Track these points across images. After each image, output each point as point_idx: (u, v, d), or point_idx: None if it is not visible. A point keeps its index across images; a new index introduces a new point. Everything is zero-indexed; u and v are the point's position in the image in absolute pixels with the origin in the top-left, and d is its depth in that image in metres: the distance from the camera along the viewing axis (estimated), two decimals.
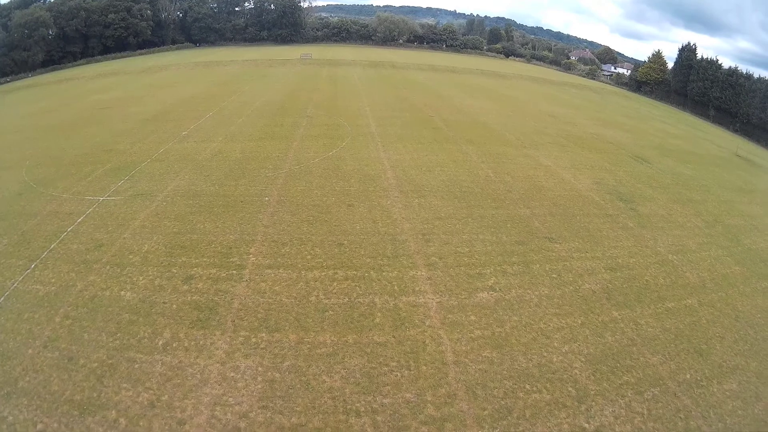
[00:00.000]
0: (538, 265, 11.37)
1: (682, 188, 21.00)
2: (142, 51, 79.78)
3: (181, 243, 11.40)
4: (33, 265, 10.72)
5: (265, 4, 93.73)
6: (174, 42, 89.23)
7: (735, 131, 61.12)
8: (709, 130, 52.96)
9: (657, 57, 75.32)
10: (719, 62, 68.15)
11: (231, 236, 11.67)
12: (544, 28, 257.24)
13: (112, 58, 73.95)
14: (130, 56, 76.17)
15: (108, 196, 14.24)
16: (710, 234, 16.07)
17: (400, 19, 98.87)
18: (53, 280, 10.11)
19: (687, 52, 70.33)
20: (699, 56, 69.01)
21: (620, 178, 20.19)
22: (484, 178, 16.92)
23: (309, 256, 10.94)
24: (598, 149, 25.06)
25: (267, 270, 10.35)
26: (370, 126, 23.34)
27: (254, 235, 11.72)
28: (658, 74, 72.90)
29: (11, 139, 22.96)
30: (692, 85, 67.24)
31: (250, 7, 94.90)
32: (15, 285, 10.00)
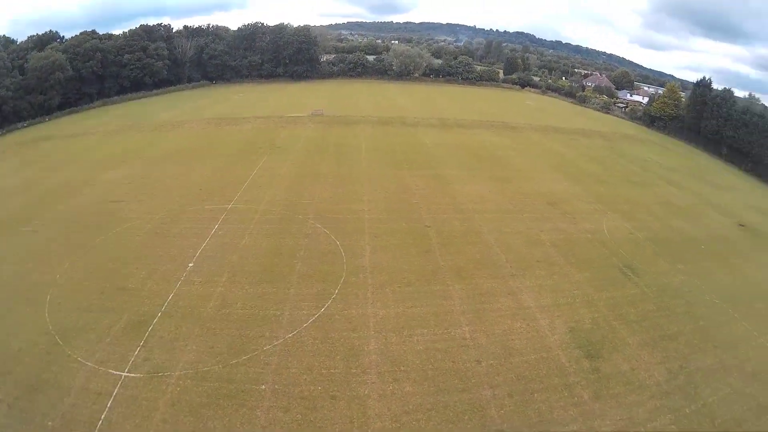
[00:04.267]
0: None
1: (661, 317, 22.11)
2: (158, 91, 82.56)
3: None
4: None
5: (281, 40, 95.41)
6: (190, 80, 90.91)
7: (747, 171, 60.81)
8: (720, 179, 52.63)
9: (671, 91, 74.91)
10: (734, 98, 67.44)
11: None
12: (564, 42, 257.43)
13: (128, 100, 76.85)
14: (145, 97, 79.12)
15: (128, 372, 16.93)
16: (667, 392, 17.39)
17: (416, 53, 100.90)
18: None
19: (702, 87, 69.71)
20: (713, 91, 68.36)
21: (598, 315, 21.55)
22: (459, 343, 18.93)
23: None
24: (587, 263, 26.37)
25: None
26: (364, 252, 25.58)
27: None
28: (672, 110, 72.47)
29: (31, 241, 26.63)
30: (705, 123, 66.73)
31: (266, 43, 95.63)
32: None
